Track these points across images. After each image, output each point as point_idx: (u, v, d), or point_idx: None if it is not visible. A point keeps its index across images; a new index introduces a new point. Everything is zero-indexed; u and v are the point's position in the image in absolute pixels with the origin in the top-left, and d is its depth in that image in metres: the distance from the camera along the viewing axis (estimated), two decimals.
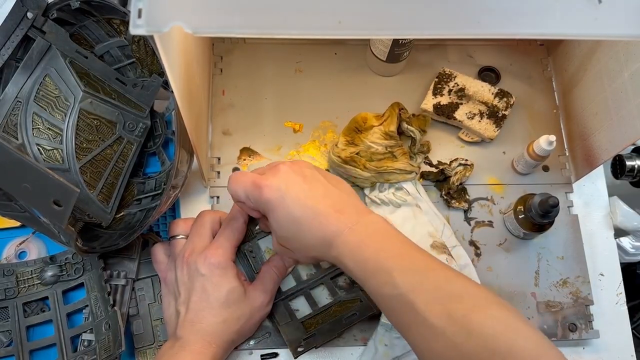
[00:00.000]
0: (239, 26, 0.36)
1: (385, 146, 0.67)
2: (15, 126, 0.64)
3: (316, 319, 0.64)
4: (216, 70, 0.75)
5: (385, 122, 0.68)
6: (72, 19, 0.64)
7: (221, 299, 0.57)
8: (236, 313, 0.58)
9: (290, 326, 0.63)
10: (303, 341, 0.62)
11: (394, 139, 0.68)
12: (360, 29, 0.38)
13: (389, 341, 0.60)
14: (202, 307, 0.57)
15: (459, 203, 0.70)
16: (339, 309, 0.64)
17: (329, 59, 0.77)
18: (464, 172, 0.70)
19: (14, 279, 0.64)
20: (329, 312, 0.64)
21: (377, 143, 0.67)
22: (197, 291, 0.57)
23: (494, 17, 0.38)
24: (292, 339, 0.62)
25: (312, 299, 0.65)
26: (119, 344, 0.57)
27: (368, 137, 0.68)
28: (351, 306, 0.64)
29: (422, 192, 0.70)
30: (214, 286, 0.57)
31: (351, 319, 0.63)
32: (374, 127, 0.68)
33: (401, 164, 0.67)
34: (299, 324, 0.63)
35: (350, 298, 0.64)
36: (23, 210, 0.56)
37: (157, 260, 0.64)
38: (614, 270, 0.70)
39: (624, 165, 0.73)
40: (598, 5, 0.38)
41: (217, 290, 0.57)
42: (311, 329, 0.63)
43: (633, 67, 0.59)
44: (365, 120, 0.69)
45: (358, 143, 0.68)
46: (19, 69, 0.64)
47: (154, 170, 0.71)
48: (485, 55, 0.79)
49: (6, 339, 0.62)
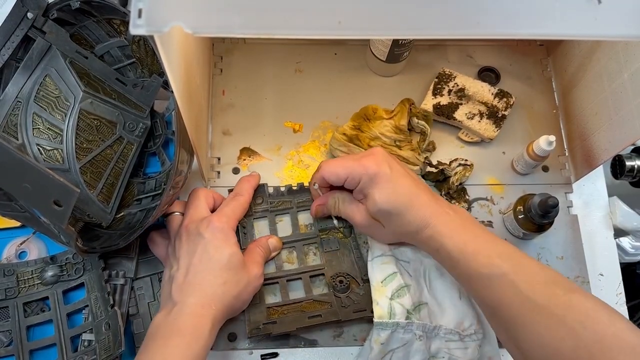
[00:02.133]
0: (239, 26, 0.36)
1: (394, 140, 0.68)
2: (15, 126, 0.64)
3: (282, 309, 0.63)
4: (216, 70, 0.75)
5: (395, 117, 0.69)
6: (72, 19, 0.64)
7: (223, 260, 0.57)
8: (236, 277, 0.58)
9: (255, 308, 0.63)
10: (262, 325, 0.61)
11: (404, 134, 0.69)
12: (360, 29, 0.38)
13: (384, 339, 0.60)
14: (202, 268, 0.56)
15: (458, 203, 0.70)
16: (308, 306, 0.64)
17: (329, 59, 0.77)
18: (464, 172, 0.70)
19: (15, 279, 0.64)
20: (297, 306, 0.63)
21: (387, 136, 0.68)
22: (198, 253, 0.57)
23: (494, 17, 0.38)
24: (253, 321, 0.62)
25: (285, 290, 0.65)
26: (119, 344, 0.57)
27: (378, 127, 0.68)
28: (319, 308, 0.63)
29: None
30: (216, 249, 0.57)
31: (314, 319, 0.62)
32: (385, 119, 0.69)
33: (406, 153, 0.68)
34: (264, 309, 0.63)
35: (322, 300, 0.64)
36: (23, 210, 0.56)
37: (155, 242, 0.64)
38: (614, 270, 0.70)
39: (624, 165, 0.73)
40: (598, 5, 0.38)
41: (219, 253, 0.57)
42: (274, 317, 0.62)
43: (633, 68, 0.59)
44: (375, 111, 0.69)
45: (365, 130, 0.68)
46: (19, 69, 0.64)
47: (154, 170, 0.71)
48: (485, 55, 0.79)
49: (6, 338, 0.62)
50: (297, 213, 0.68)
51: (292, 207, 0.68)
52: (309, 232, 0.68)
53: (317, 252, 0.67)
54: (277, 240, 0.66)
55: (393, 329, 0.60)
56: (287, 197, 0.68)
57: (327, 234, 0.67)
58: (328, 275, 0.65)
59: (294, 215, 0.68)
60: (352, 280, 0.65)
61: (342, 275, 0.65)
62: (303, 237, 0.67)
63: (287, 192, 0.68)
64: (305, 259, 0.66)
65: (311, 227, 0.68)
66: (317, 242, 0.67)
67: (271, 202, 0.68)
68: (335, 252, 0.66)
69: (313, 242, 0.67)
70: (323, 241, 0.67)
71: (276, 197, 0.68)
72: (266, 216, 0.68)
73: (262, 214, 0.68)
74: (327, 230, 0.67)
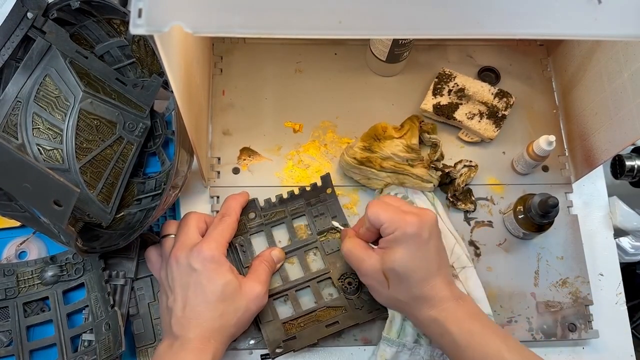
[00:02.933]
0: (239, 26, 0.36)
1: (407, 159, 0.67)
2: (15, 126, 0.64)
3: (298, 322, 0.63)
4: (216, 70, 0.75)
5: (406, 135, 0.68)
6: (72, 19, 0.64)
7: (217, 292, 0.56)
8: (233, 306, 0.57)
9: (271, 325, 0.63)
10: (282, 343, 0.61)
11: (416, 152, 0.68)
12: (360, 29, 0.38)
13: (390, 357, 0.61)
14: (198, 302, 0.56)
15: (464, 205, 0.70)
16: (322, 314, 0.64)
17: (329, 59, 0.77)
18: (469, 174, 0.70)
19: (14, 279, 0.64)
20: (311, 316, 0.64)
21: (399, 156, 0.67)
22: (191, 286, 0.57)
23: (494, 17, 0.38)
24: (272, 339, 0.62)
25: (297, 301, 0.65)
26: (119, 344, 0.57)
27: (389, 147, 0.67)
28: (334, 314, 0.63)
29: (439, 208, 0.69)
30: (209, 280, 0.57)
31: (332, 327, 0.62)
32: (395, 138, 0.67)
33: (419, 171, 0.67)
34: (280, 325, 0.63)
35: (336, 305, 0.64)
36: (23, 210, 0.56)
37: (151, 260, 0.64)
38: (614, 270, 0.70)
39: (624, 165, 0.73)
40: (598, 5, 0.38)
41: (213, 284, 0.57)
42: (292, 331, 0.62)
43: (633, 67, 0.59)
44: (385, 130, 0.68)
45: (376, 150, 0.67)
46: (19, 69, 0.64)
47: (154, 170, 0.71)
48: (485, 55, 0.79)
49: (6, 338, 0.62)
50: (292, 221, 0.68)
51: (287, 216, 0.68)
52: (307, 238, 0.67)
53: (318, 255, 0.67)
54: (279, 251, 0.65)
55: (399, 348, 0.61)
56: (279, 207, 0.68)
57: (326, 236, 0.67)
58: (334, 277, 0.65)
59: (289, 223, 0.68)
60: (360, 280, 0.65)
61: (349, 276, 0.65)
62: (303, 243, 0.67)
63: (279, 202, 0.68)
64: (308, 265, 0.66)
65: (309, 230, 0.68)
66: (318, 245, 0.67)
67: (264, 215, 0.67)
68: (337, 253, 0.66)
69: (313, 246, 0.67)
70: (323, 244, 0.67)
71: (269, 209, 0.68)
72: (262, 230, 0.67)
73: (257, 228, 0.67)
74: (326, 232, 0.67)
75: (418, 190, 0.69)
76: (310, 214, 0.68)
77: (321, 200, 0.68)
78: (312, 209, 0.68)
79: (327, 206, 0.68)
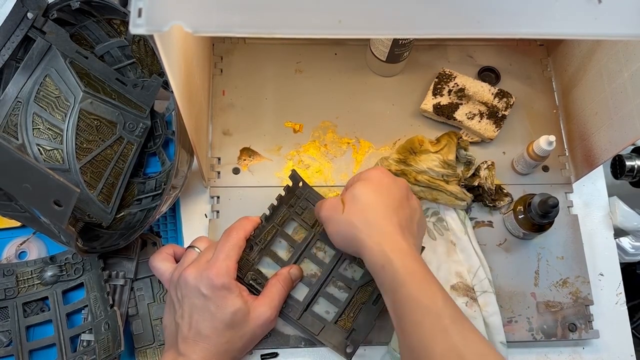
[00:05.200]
0: (239, 26, 0.36)
1: (442, 174, 0.67)
2: (15, 126, 0.64)
3: (347, 314, 0.63)
4: (216, 70, 0.75)
5: (442, 150, 0.67)
6: (72, 19, 0.64)
7: (226, 320, 0.56)
8: (240, 332, 0.57)
9: (327, 331, 0.62)
10: (347, 341, 0.61)
11: (452, 169, 0.67)
12: (360, 29, 0.38)
13: None
14: (205, 326, 0.55)
15: (503, 201, 0.70)
16: (361, 296, 0.64)
17: (329, 59, 0.77)
18: (491, 173, 0.70)
19: (14, 279, 0.64)
20: (354, 302, 0.64)
21: (435, 170, 0.67)
22: (199, 310, 0.56)
23: (494, 17, 0.38)
24: (336, 343, 0.62)
25: (332, 297, 0.64)
26: (118, 344, 0.57)
27: (425, 162, 0.67)
28: (370, 289, 0.64)
29: (469, 229, 0.68)
30: (218, 308, 0.56)
31: (380, 301, 0.62)
32: (431, 153, 0.67)
33: (453, 188, 0.67)
34: (334, 326, 0.63)
35: (366, 281, 0.64)
36: (23, 210, 0.56)
37: (160, 272, 0.61)
38: (614, 270, 0.70)
39: (624, 165, 0.73)
40: (598, 5, 0.38)
41: (222, 312, 0.56)
42: (347, 326, 0.63)
43: (633, 67, 0.59)
44: (421, 143, 0.68)
45: (411, 163, 0.67)
46: (19, 69, 0.64)
47: (154, 170, 0.71)
48: (485, 55, 0.79)
49: (6, 339, 0.62)
50: (283, 228, 0.67)
51: (277, 229, 0.67)
52: (306, 236, 0.67)
53: (323, 244, 0.67)
54: (297, 268, 0.64)
55: None
56: (268, 225, 0.66)
57: (320, 225, 0.67)
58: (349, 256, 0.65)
59: (283, 234, 0.67)
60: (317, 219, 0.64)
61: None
62: (304, 243, 0.66)
63: (266, 220, 0.66)
64: (321, 260, 0.66)
65: (303, 228, 0.67)
66: (318, 237, 0.67)
67: (259, 242, 0.66)
68: None
69: (315, 240, 0.67)
70: (322, 233, 0.67)
71: (260, 232, 0.66)
72: (264, 254, 0.66)
73: (258, 255, 0.65)
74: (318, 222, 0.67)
75: (450, 207, 0.69)
76: (296, 214, 0.67)
77: (299, 197, 0.68)
78: (296, 209, 0.68)
79: (306, 199, 0.68)
